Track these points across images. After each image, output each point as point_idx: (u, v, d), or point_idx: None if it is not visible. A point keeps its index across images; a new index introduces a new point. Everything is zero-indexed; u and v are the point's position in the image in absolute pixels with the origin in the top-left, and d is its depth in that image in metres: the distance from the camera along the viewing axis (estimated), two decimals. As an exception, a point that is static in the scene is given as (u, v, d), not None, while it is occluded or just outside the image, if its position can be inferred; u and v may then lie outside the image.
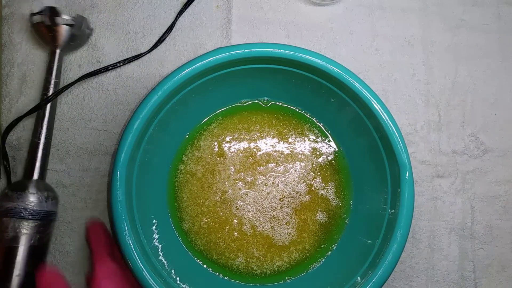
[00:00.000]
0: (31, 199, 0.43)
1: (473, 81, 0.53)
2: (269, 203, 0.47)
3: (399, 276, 0.49)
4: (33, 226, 0.43)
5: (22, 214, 0.42)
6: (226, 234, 0.47)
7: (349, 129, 0.47)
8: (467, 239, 0.50)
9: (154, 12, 0.52)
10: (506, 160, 0.52)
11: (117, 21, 0.52)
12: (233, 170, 0.48)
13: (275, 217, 0.47)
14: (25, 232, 0.42)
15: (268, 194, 0.47)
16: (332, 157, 0.49)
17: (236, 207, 0.47)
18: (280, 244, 0.47)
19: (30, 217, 0.42)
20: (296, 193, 0.48)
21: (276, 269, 0.47)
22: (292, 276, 0.46)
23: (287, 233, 0.47)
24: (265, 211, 0.47)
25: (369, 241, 0.43)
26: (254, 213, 0.47)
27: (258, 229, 0.47)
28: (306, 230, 0.47)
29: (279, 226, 0.47)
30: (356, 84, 0.42)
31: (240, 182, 0.47)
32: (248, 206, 0.47)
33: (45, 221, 0.44)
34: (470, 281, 0.49)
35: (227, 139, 0.49)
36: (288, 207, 0.47)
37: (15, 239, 0.42)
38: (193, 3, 0.53)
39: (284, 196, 0.48)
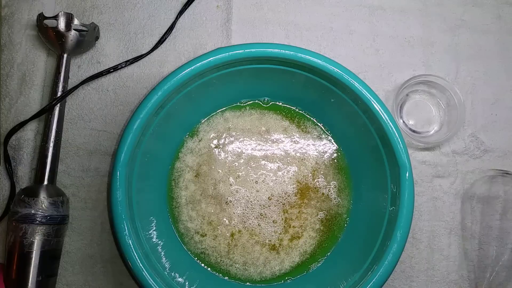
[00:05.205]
0: (47, 205, 0.43)
1: (473, 81, 0.53)
2: (258, 201, 0.47)
3: (399, 276, 0.49)
4: (51, 231, 0.43)
5: (40, 220, 0.42)
6: (220, 234, 0.46)
7: (349, 129, 0.47)
8: (467, 239, 0.50)
9: (154, 12, 0.52)
10: (506, 160, 0.52)
11: (117, 21, 0.52)
12: (227, 168, 0.48)
13: (261, 215, 0.47)
14: (43, 237, 0.42)
15: (257, 191, 0.48)
16: (332, 156, 0.49)
17: (226, 202, 0.47)
18: (278, 244, 0.47)
19: (47, 222, 0.43)
20: (286, 194, 0.48)
21: (277, 272, 0.46)
22: (292, 276, 0.46)
23: (276, 232, 0.47)
24: (254, 209, 0.47)
25: (369, 241, 0.43)
26: (243, 210, 0.47)
27: (246, 225, 0.47)
28: (307, 230, 0.47)
29: (267, 225, 0.47)
30: (356, 84, 0.42)
31: (231, 178, 0.47)
32: (238, 203, 0.47)
33: (61, 225, 0.44)
34: (470, 281, 0.49)
35: (225, 137, 0.49)
36: (277, 206, 0.47)
37: (33, 244, 0.42)
38: (193, 4, 0.53)
39: (272, 195, 0.48)
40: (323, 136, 0.49)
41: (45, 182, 0.45)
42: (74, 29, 0.48)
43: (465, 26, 0.55)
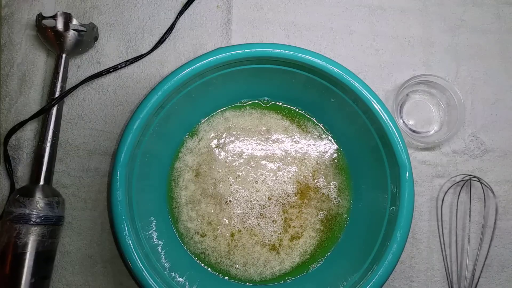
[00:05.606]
0: (42, 205, 0.43)
1: (473, 81, 0.53)
2: (257, 200, 0.47)
3: (399, 276, 0.49)
4: (45, 231, 0.42)
5: (34, 221, 0.42)
6: (220, 235, 0.46)
7: (349, 129, 0.47)
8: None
9: (154, 12, 0.52)
10: (506, 160, 0.52)
11: (117, 22, 0.52)
12: (227, 168, 0.48)
13: (261, 214, 0.47)
14: (37, 238, 0.42)
15: (257, 191, 0.48)
16: (332, 157, 0.49)
17: (226, 202, 0.47)
18: (278, 244, 0.47)
19: (42, 223, 0.42)
20: (286, 194, 0.48)
21: (277, 272, 0.46)
22: (292, 277, 0.46)
23: (276, 232, 0.47)
24: (254, 209, 0.47)
25: (369, 241, 0.43)
26: (243, 210, 0.47)
27: (245, 225, 0.47)
28: (307, 230, 0.47)
29: (267, 225, 0.47)
30: (356, 84, 0.42)
31: (231, 178, 0.47)
32: (237, 202, 0.47)
33: (56, 226, 0.44)
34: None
35: (226, 137, 0.49)
36: (276, 206, 0.47)
37: (27, 245, 0.42)
38: (193, 4, 0.53)
39: (272, 195, 0.48)
40: (323, 136, 0.49)
41: (41, 182, 0.45)
42: (73, 29, 0.48)
43: (465, 26, 0.55)
